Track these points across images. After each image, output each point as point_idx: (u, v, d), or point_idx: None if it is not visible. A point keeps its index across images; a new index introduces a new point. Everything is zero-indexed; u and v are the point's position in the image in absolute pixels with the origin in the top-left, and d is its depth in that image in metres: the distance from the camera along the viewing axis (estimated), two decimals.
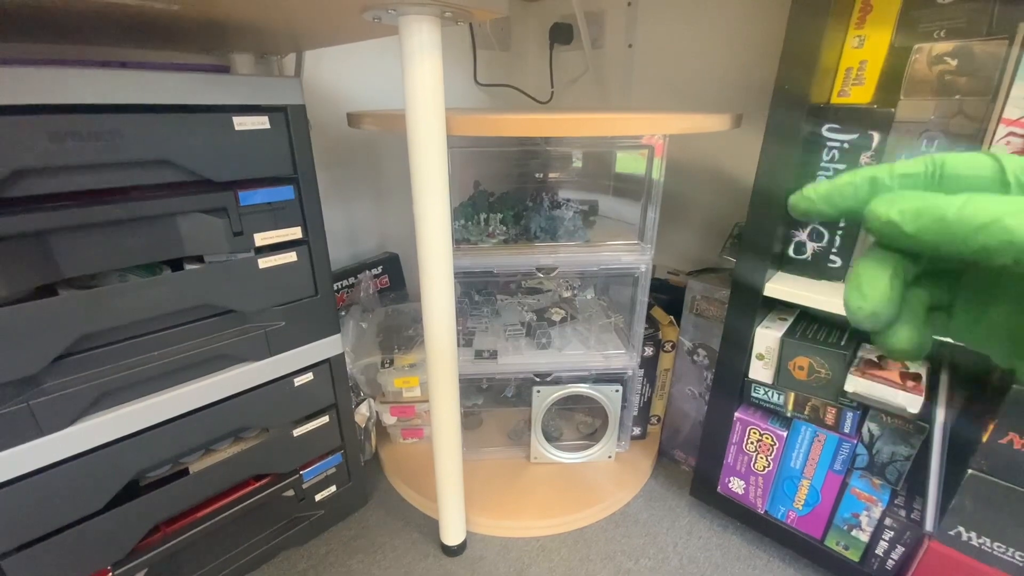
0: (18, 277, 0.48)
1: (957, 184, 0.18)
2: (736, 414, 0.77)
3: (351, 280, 1.08)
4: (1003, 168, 0.17)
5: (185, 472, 0.65)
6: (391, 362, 0.93)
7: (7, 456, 0.50)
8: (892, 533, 0.68)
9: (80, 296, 0.52)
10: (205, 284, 0.60)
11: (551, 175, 1.02)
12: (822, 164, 0.64)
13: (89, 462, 0.55)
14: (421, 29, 0.51)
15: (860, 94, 0.61)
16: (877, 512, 0.69)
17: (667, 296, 1.02)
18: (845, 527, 0.72)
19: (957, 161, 0.18)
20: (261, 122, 0.59)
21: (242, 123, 0.57)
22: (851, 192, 0.20)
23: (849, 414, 0.68)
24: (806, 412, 0.72)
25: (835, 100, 0.63)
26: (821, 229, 0.67)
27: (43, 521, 0.54)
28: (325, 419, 0.76)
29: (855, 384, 0.65)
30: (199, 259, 0.62)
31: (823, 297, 0.64)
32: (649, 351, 0.93)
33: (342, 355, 0.76)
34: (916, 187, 0.19)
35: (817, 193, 0.20)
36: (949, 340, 0.55)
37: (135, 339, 0.57)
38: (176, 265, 0.62)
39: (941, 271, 0.20)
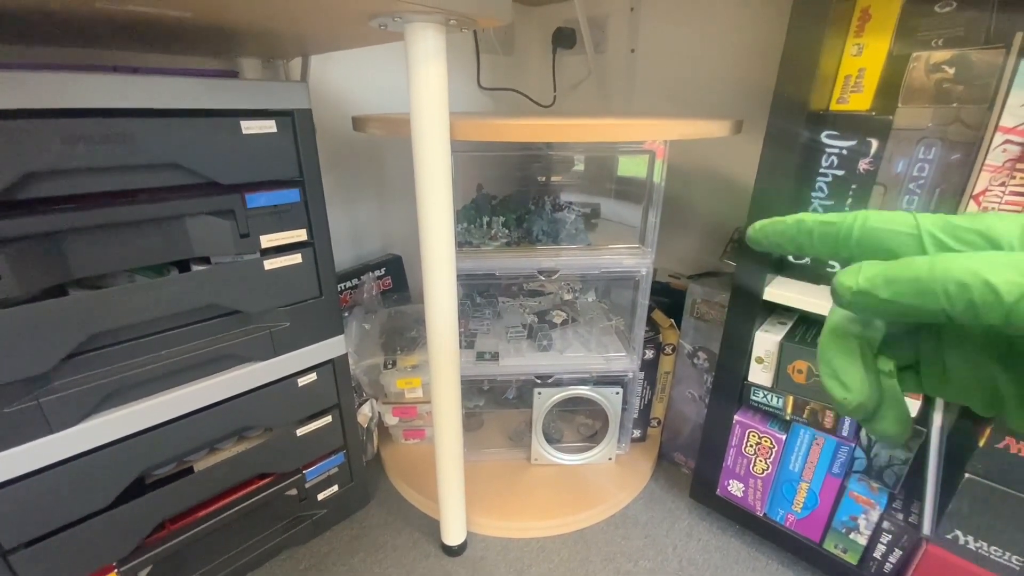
0: (29, 277, 0.49)
1: (875, 237, 0.19)
2: (736, 417, 0.78)
3: (354, 282, 1.09)
4: (918, 224, 0.18)
5: (190, 470, 0.66)
6: (394, 363, 0.94)
7: (17, 453, 0.51)
8: (890, 536, 0.68)
9: (90, 296, 0.53)
10: (211, 285, 0.61)
11: (553, 178, 1.03)
12: (821, 170, 0.65)
13: (97, 459, 0.56)
14: (426, 36, 0.52)
15: (859, 101, 0.62)
16: (875, 515, 0.69)
17: (668, 299, 1.03)
18: (843, 530, 0.73)
19: (878, 216, 0.19)
20: (268, 126, 0.60)
21: (249, 127, 0.58)
22: (783, 229, 0.21)
23: (847, 418, 0.69)
24: (805, 415, 0.72)
25: (834, 107, 0.63)
26: None
27: (51, 517, 0.55)
28: (328, 419, 0.77)
29: None
30: (206, 260, 0.63)
31: (822, 301, 0.65)
32: (650, 354, 0.93)
33: (345, 356, 0.77)
34: (836, 235, 0.19)
35: (760, 227, 0.22)
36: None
37: (143, 339, 0.58)
38: (183, 266, 0.63)
39: (901, 332, 0.21)
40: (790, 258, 0.71)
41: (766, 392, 0.75)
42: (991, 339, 0.18)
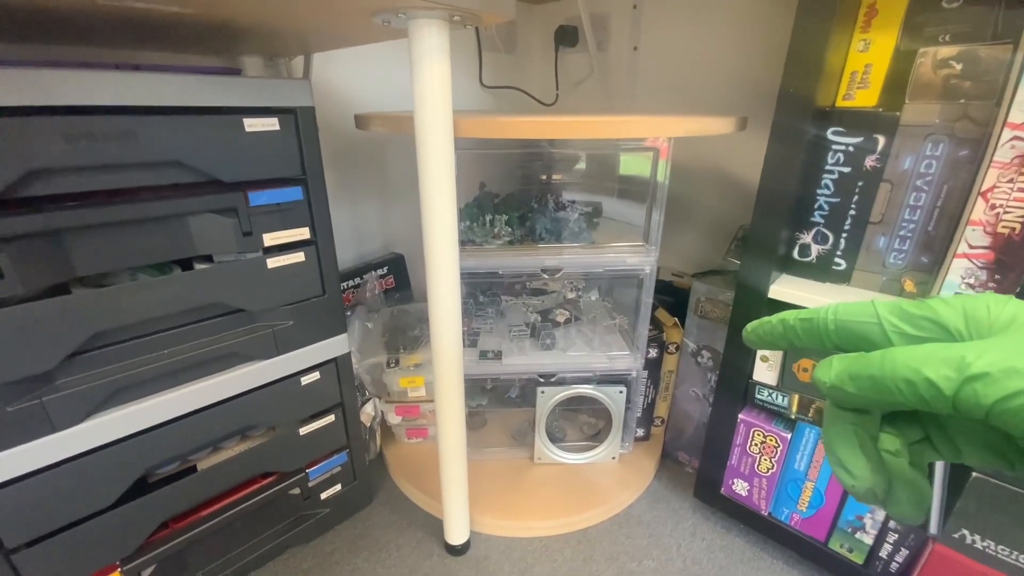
0: (32, 276, 0.49)
1: (847, 329, 0.21)
2: (740, 416, 0.78)
3: (357, 280, 1.09)
4: (877, 314, 0.20)
5: (193, 469, 0.66)
6: (396, 362, 0.93)
7: (21, 452, 0.51)
8: (896, 536, 0.68)
9: (93, 295, 0.53)
10: (214, 283, 0.60)
11: (556, 177, 1.02)
12: (827, 167, 0.64)
13: (100, 458, 0.56)
14: (430, 33, 0.51)
15: (865, 97, 0.61)
16: (881, 515, 0.69)
17: (671, 298, 1.03)
18: (849, 529, 0.72)
19: (845, 309, 0.21)
20: (271, 124, 0.60)
21: (252, 125, 0.58)
22: (770, 330, 0.23)
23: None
24: (810, 414, 0.72)
25: (840, 103, 0.63)
26: (826, 232, 0.67)
27: (54, 517, 0.55)
28: (331, 418, 0.77)
29: None
30: (208, 259, 0.63)
31: (827, 300, 0.64)
32: (653, 353, 0.93)
33: (348, 355, 0.77)
34: (816, 330, 0.22)
35: (752, 329, 0.24)
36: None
37: (146, 337, 0.58)
38: (186, 264, 0.62)
39: (901, 411, 0.21)
40: (795, 255, 0.70)
41: (771, 391, 0.74)
42: None
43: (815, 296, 0.65)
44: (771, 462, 0.77)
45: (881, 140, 0.60)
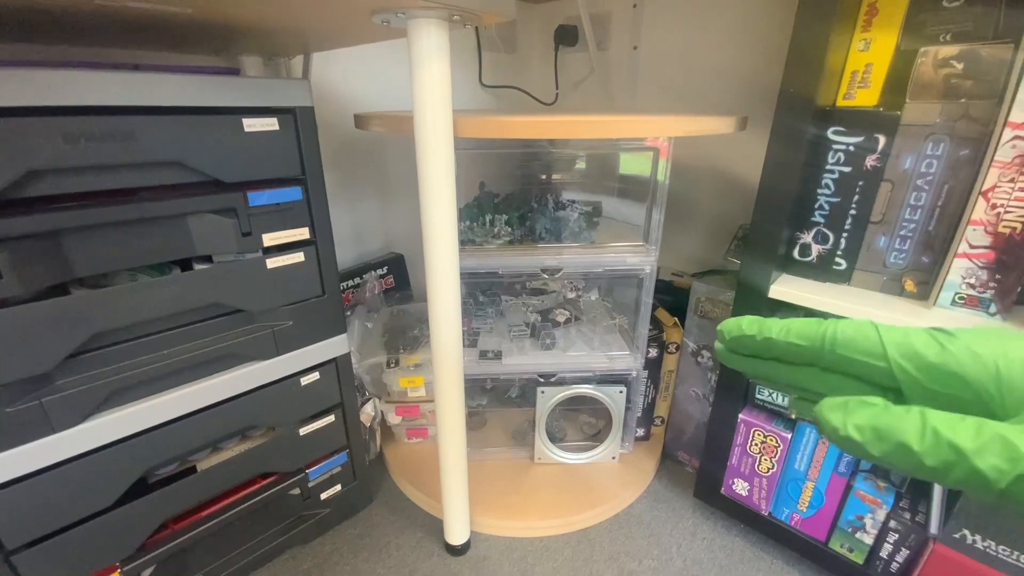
0: (31, 276, 0.49)
1: (847, 360, 0.19)
2: (740, 416, 0.78)
3: (356, 280, 1.09)
4: (886, 355, 0.17)
5: (193, 470, 0.66)
6: (396, 362, 0.93)
7: (19, 453, 0.51)
8: (897, 536, 0.68)
9: (92, 295, 0.53)
10: (214, 284, 0.60)
11: (556, 176, 1.02)
12: (827, 167, 0.64)
13: (99, 459, 0.56)
14: (430, 32, 0.51)
15: (866, 97, 0.61)
16: (881, 515, 0.69)
17: (671, 298, 1.02)
18: (849, 529, 0.72)
19: (846, 335, 0.19)
20: (270, 123, 0.59)
21: (251, 125, 0.58)
22: (751, 345, 0.21)
23: None
24: None
25: (841, 103, 0.63)
26: (826, 232, 0.67)
27: (54, 518, 0.55)
28: (331, 418, 0.77)
29: None
30: (208, 259, 0.63)
31: (828, 299, 0.64)
32: (653, 352, 0.93)
33: (348, 355, 0.76)
34: (806, 356, 0.20)
35: (729, 335, 0.22)
36: None
37: (145, 338, 0.58)
38: (185, 265, 0.62)
39: None
40: (796, 255, 0.70)
41: (771, 390, 0.74)
42: None
43: (816, 296, 0.65)
44: (771, 462, 0.77)
45: (882, 139, 0.60)
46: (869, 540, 0.71)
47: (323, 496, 0.81)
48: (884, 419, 0.16)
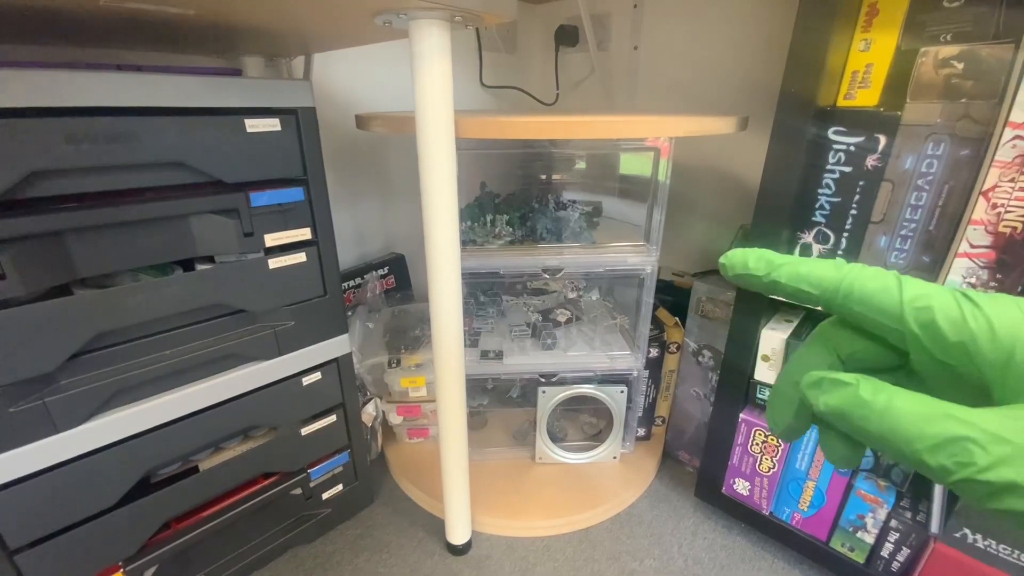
0: (34, 277, 0.49)
1: (859, 316, 0.18)
2: (741, 415, 0.78)
3: (358, 280, 1.09)
4: (902, 313, 0.17)
5: (195, 470, 0.66)
6: (398, 362, 0.93)
7: (22, 453, 0.51)
8: (897, 535, 0.68)
9: (94, 296, 0.53)
10: (216, 284, 0.61)
11: (556, 177, 1.02)
12: (828, 167, 0.64)
13: (102, 459, 0.56)
14: (431, 33, 0.51)
15: (866, 97, 0.61)
16: (882, 514, 0.69)
17: (672, 297, 1.03)
18: (850, 529, 0.72)
19: (863, 288, 0.18)
20: (272, 124, 0.60)
21: (253, 125, 0.58)
22: (756, 283, 0.20)
23: None
24: None
25: (841, 103, 0.63)
26: (827, 231, 0.67)
27: (56, 517, 0.55)
28: (332, 418, 0.77)
29: None
30: (210, 259, 0.63)
31: None
32: (654, 352, 0.93)
33: (349, 355, 0.77)
34: (816, 300, 0.19)
35: (732, 264, 0.20)
36: None
37: (148, 338, 0.58)
38: (187, 265, 0.62)
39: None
40: (796, 255, 0.70)
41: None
42: None
43: None
44: (772, 461, 0.77)
45: (882, 139, 0.60)
46: (870, 539, 0.71)
47: (325, 496, 0.81)
48: (852, 403, 0.16)
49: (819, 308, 0.20)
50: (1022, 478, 0.13)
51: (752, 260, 0.20)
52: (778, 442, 0.75)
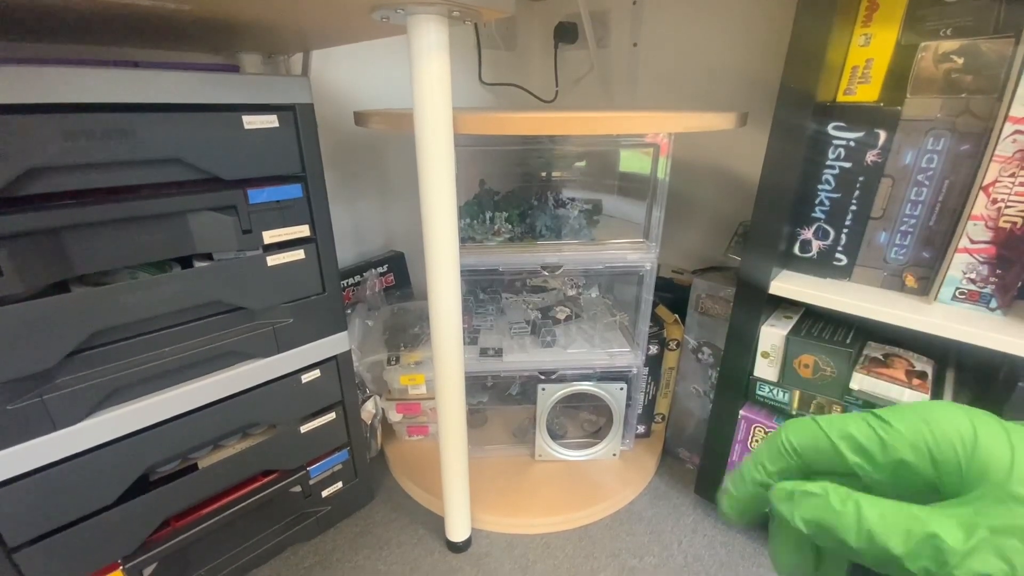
0: (32, 274, 0.49)
1: (814, 463, 0.20)
2: (741, 412, 0.78)
3: (357, 278, 1.09)
4: (828, 436, 0.19)
5: (194, 467, 0.66)
6: (397, 359, 0.93)
7: (21, 450, 0.51)
8: None
9: (92, 293, 0.53)
10: (214, 281, 0.60)
11: (556, 174, 1.02)
12: (828, 162, 0.64)
13: (101, 457, 0.56)
14: (429, 29, 0.51)
15: (866, 92, 0.61)
16: None
17: (672, 295, 1.02)
18: None
19: (801, 441, 0.20)
20: (270, 121, 0.59)
21: (251, 122, 0.58)
22: (754, 494, 0.21)
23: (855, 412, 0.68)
24: (811, 410, 0.72)
25: (841, 98, 0.63)
26: (827, 227, 0.67)
27: (55, 515, 0.55)
28: (332, 416, 0.77)
29: (860, 382, 0.65)
30: (208, 257, 0.63)
31: (828, 295, 0.64)
32: (654, 349, 0.93)
33: (349, 353, 0.76)
34: (788, 476, 0.20)
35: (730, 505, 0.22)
36: (954, 339, 0.55)
37: (146, 335, 0.58)
38: (185, 262, 0.62)
39: None
40: (796, 251, 0.70)
41: (772, 387, 0.74)
42: None
43: (816, 292, 0.65)
44: None
45: (882, 135, 0.60)
46: None
47: (324, 493, 0.81)
48: (825, 515, 0.17)
49: None
50: (989, 568, 0.14)
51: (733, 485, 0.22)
52: None
